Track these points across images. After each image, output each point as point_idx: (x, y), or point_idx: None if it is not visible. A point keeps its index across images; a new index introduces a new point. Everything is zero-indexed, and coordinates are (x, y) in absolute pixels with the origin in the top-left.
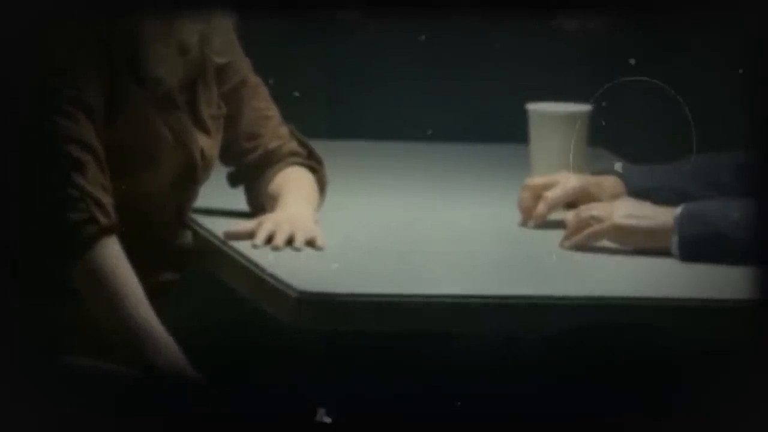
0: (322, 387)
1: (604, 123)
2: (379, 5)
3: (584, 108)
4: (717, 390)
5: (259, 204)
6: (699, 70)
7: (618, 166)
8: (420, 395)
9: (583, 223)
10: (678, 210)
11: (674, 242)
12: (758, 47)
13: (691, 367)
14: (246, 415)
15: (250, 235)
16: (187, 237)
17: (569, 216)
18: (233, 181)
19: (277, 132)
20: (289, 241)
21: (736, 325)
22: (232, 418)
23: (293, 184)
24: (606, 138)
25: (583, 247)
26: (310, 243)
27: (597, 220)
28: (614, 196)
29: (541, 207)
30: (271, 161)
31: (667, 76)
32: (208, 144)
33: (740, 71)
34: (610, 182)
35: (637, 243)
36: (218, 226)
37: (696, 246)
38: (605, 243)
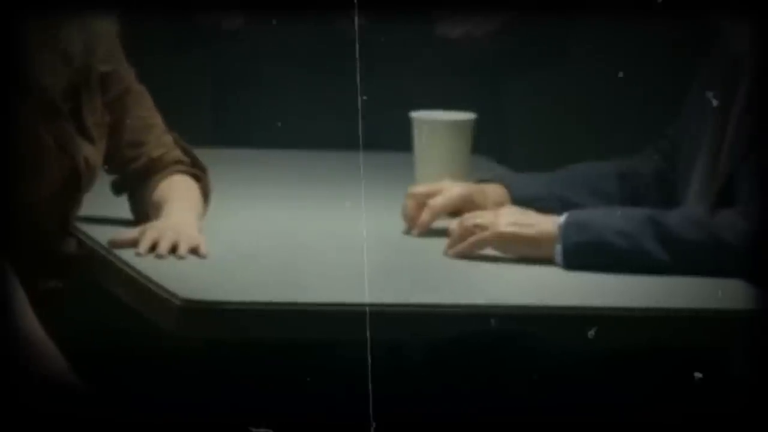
0: (205, 395)
1: (487, 131)
2: (263, 12)
3: (468, 116)
4: (600, 396)
5: (143, 212)
6: (583, 77)
7: (502, 174)
8: (303, 403)
9: (467, 232)
10: (561, 218)
11: (557, 250)
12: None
13: (574, 373)
14: (129, 423)
15: (133, 243)
16: (72, 245)
17: (453, 224)
18: (117, 188)
19: (161, 140)
20: (173, 249)
21: (619, 332)
22: (115, 426)
23: (177, 192)
24: (490, 146)
25: (467, 255)
26: (194, 251)
27: (481, 228)
28: (498, 205)
29: (425, 215)
30: (155, 169)
31: (552, 83)
32: (92, 152)
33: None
34: (494, 190)
35: (521, 251)
36: (102, 234)
37: (579, 254)
38: (489, 251)
